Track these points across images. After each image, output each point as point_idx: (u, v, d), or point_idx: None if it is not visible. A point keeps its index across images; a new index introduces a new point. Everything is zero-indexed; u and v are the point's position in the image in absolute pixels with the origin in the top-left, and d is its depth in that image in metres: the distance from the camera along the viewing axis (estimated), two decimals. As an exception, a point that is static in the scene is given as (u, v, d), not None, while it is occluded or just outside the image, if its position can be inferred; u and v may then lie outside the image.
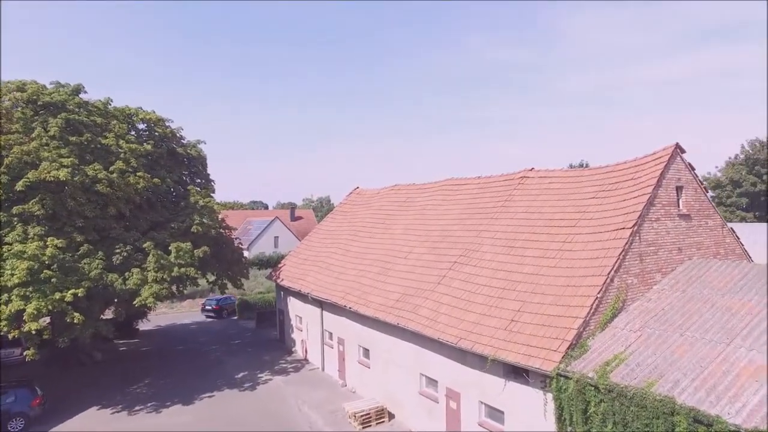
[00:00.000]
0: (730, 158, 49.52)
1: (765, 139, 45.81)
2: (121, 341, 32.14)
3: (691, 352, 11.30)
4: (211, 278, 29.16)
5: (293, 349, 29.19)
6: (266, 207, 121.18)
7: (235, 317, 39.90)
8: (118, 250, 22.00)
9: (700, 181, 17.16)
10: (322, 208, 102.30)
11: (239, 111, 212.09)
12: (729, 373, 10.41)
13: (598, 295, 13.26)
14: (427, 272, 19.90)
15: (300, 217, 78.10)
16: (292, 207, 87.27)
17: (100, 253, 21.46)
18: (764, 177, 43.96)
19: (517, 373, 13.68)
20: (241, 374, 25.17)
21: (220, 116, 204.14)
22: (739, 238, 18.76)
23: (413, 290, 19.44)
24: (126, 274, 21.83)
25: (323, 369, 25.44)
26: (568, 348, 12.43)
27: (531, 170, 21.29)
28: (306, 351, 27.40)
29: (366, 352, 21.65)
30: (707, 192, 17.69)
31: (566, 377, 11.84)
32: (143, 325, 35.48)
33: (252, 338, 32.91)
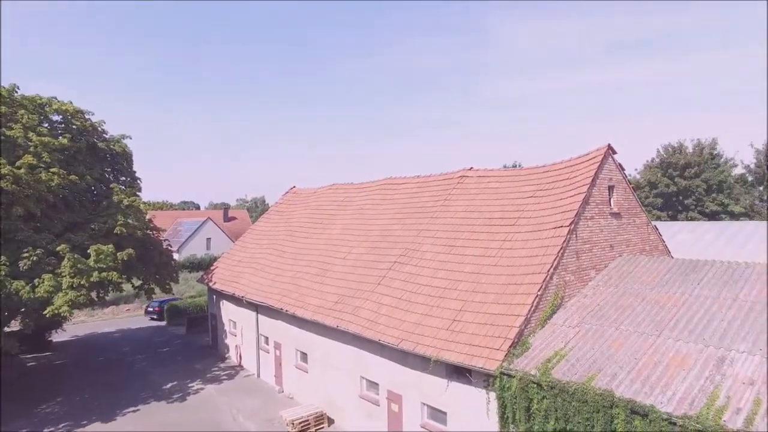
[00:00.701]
0: (647, 161, 52.75)
1: (677, 144, 49.18)
2: (30, 356, 29.32)
3: (626, 346, 11.58)
4: (137, 283, 27.25)
5: (227, 356, 27.86)
6: (198, 207, 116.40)
7: (164, 323, 37.71)
8: (25, 255, 19.91)
9: (628, 181, 17.87)
10: (257, 209, 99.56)
11: (171, 109, 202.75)
12: (660, 363, 10.74)
13: (539, 293, 13.36)
14: (367, 273, 19.49)
15: (234, 218, 75.49)
16: (226, 207, 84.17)
17: (2, 258, 19.32)
18: (676, 179, 47.10)
19: (459, 373, 13.54)
20: (169, 385, 23.62)
21: (149, 113, 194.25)
22: (661, 235, 19.76)
23: (353, 291, 18.95)
24: (36, 280, 19.82)
25: (259, 375, 24.40)
26: (510, 346, 12.41)
27: (470, 169, 21.41)
28: (240, 357, 26.20)
29: (304, 357, 20.92)
30: (635, 192, 18.46)
31: (509, 375, 11.79)
32: (58, 336, 32.65)
33: (182, 345, 31.14)
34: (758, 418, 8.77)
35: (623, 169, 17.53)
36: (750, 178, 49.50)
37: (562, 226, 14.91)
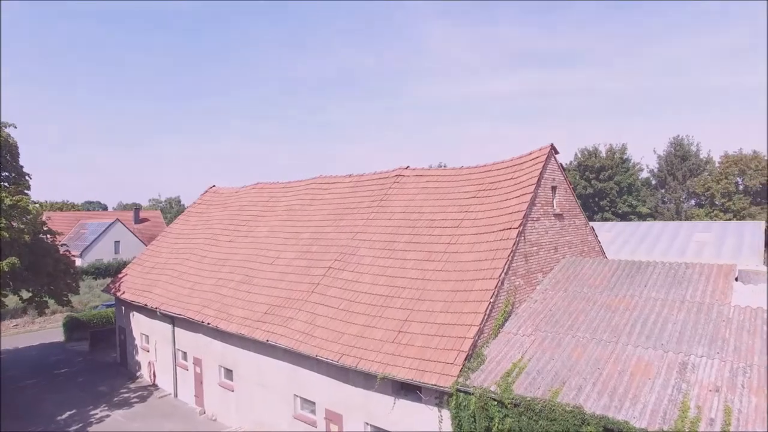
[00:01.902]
0: (565, 165, 55.08)
1: (592, 148, 51.62)
2: None
3: (586, 354, 10.95)
4: (26, 296, 23.59)
5: (138, 374, 24.86)
6: (105, 208, 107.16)
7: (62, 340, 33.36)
8: None
9: (569, 182, 17.65)
10: (172, 210, 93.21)
11: (74, 102, 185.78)
12: (624, 373, 10.18)
13: (491, 300, 12.49)
14: (299, 279, 17.84)
15: (146, 219, 69.78)
16: (137, 208, 77.79)
17: None
18: (592, 182, 49.37)
19: (407, 389, 12.35)
20: (66, 414, 20.46)
21: (47, 105, 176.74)
22: (597, 236, 19.84)
23: (283, 300, 17.22)
24: None
25: (176, 395, 21.86)
26: (465, 359, 11.39)
27: (406, 168, 20.38)
28: (154, 375, 23.42)
29: (229, 374, 18.83)
30: (574, 192, 18.31)
31: (466, 393, 10.76)
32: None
33: (84, 365, 27.50)
34: (732, 428, 8.33)
35: (564, 170, 17.27)
36: (654, 182, 53.02)
37: (510, 228, 14.19)
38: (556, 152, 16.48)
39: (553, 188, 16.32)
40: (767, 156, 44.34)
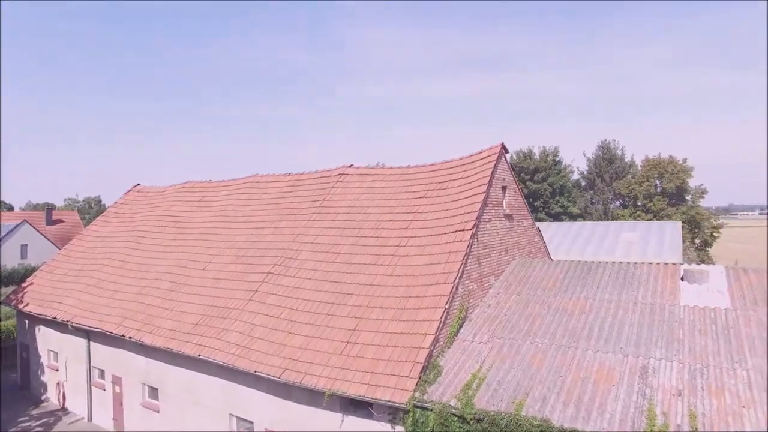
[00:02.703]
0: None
1: (527, 150, 52.93)
2: None
3: (547, 361, 10.47)
4: None
5: (44, 398, 22.11)
6: (11, 208, 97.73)
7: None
8: None
9: (517, 182, 17.38)
10: (91, 210, 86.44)
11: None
12: (587, 380, 9.77)
13: (446, 306, 11.77)
14: (234, 286, 16.36)
15: (60, 221, 63.87)
16: (49, 208, 71.23)
17: None
18: (527, 183, 50.60)
19: (358, 405, 11.36)
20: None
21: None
22: (542, 237, 19.80)
23: (217, 310, 15.69)
24: None
25: (91, 419, 19.56)
26: (421, 372, 10.57)
27: (350, 167, 19.39)
28: (64, 397, 20.88)
29: (154, 392, 16.97)
30: (522, 193, 18.09)
31: (424, 408, 9.94)
32: None
33: (-21, 387, 24.15)
34: (700, 437, 8.05)
35: (513, 170, 16.96)
36: (583, 183, 55.23)
37: (464, 230, 13.57)
38: (506, 151, 16.12)
39: (503, 188, 15.94)
40: (681, 161, 47.26)
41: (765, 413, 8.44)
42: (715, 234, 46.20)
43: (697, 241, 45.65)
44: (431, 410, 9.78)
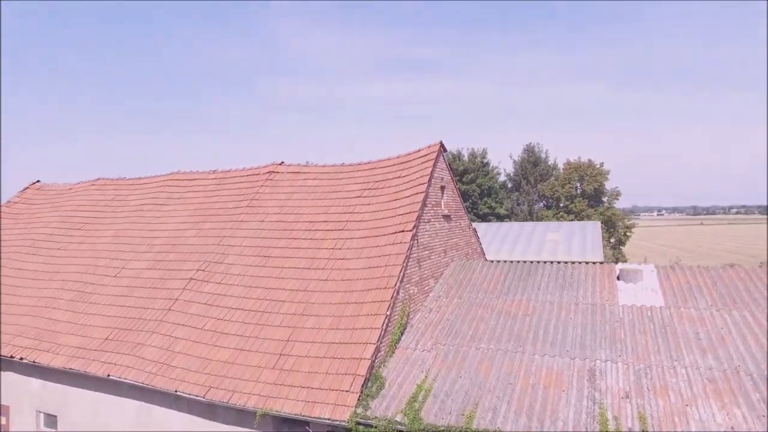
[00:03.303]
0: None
1: (456, 152, 53.72)
2: None
3: (495, 368, 10.04)
4: None
5: None
6: None
7: None
8: None
9: (455, 182, 17.07)
10: (-17, 212, 77.77)
11: None
12: (537, 386, 9.42)
13: (388, 313, 11.05)
14: (152, 295, 14.74)
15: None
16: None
17: None
18: (457, 184, 51.35)
19: (293, 424, 10.36)
20: None
21: None
22: (479, 238, 19.67)
23: (131, 322, 14.02)
24: None
25: (-22, 450, 16.97)
26: (362, 385, 9.77)
27: (280, 164, 18.24)
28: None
29: (51, 420, 14.87)
30: (459, 192, 17.81)
31: (367, 425, 9.15)
32: None
33: None
34: (652, 441, 7.88)
35: (451, 169, 16.63)
36: (509, 185, 56.88)
37: (404, 231, 12.94)
38: (445, 150, 15.72)
39: (442, 188, 15.53)
40: (599, 164, 49.88)
41: (707, 411, 8.45)
42: (627, 233, 49.16)
43: (612, 240, 48.32)
44: (375, 427, 9.02)
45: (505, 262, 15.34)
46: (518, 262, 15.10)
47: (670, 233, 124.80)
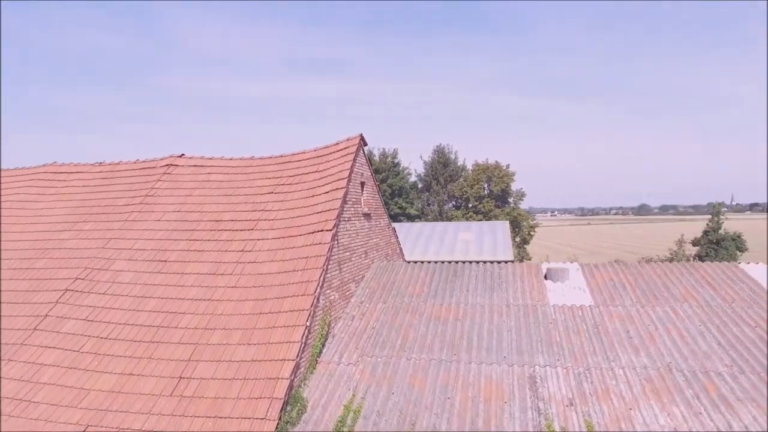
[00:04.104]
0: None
1: (367, 152, 53.05)
2: None
3: (430, 381, 9.07)
4: None
5: None
6: None
7: None
8: None
9: (375, 178, 16.07)
10: None
11: None
12: (477, 398, 8.60)
13: (308, 323, 9.70)
14: (13, 312, 12.09)
15: None
16: None
17: None
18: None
19: (195, 462, 8.67)
20: None
21: None
22: (398, 237, 18.84)
23: (-14, 345, 11.36)
24: None
25: None
26: (281, 410, 8.34)
27: (180, 156, 16.13)
28: None
29: None
30: (379, 189, 16.83)
31: (287, 460, 7.75)
32: None
33: None
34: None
35: (371, 164, 15.58)
36: (420, 185, 57.26)
37: (323, 230, 11.64)
38: (365, 143, 14.66)
39: (362, 184, 14.45)
40: (505, 166, 51.65)
41: (650, 413, 8.10)
42: (531, 233, 51.36)
43: (518, 239, 50.18)
44: (297, 461, 7.66)
45: (429, 262, 14.56)
46: (443, 262, 14.38)
47: (563, 233, 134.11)
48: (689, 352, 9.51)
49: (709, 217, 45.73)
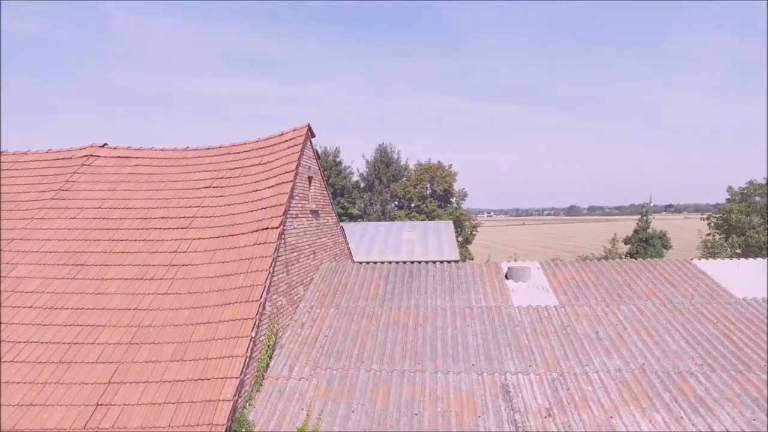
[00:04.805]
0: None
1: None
2: None
3: (393, 395, 8.09)
4: None
5: None
6: None
7: None
8: None
9: (323, 172, 14.95)
10: None
11: None
12: (447, 413, 7.73)
13: (253, 334, 8.45)
14: None
15: None
16: None
17: None
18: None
19: (115, 505, 7.23)
20: None
21: None
22: (346, 236, 17.81)
23: None
24: None
25: None
26: (222, 439, 7.08)
27: (103, 146, 14.27)
28: None
29: None
30: (327, 184, 15.72)
31: (230, 501, 6.50)
32: None
33: None
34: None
35: (319, 157, 14.47)
36: (362, 185, 56.36)
37: (269, 228, 10.40)
38: (313, 135, 13.50)
39: (310, 178, 13.29)
40: (448, 166, 51.79)
41: (631, 420, 7.56)
42: (473, 232, 51.76)
43: (460, 239, 50.39)
44: (243, 502, 6.44)
45: (382, 263, 13.62)
46: (397, 263, 13.49)
47: (500, 233, 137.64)
48: (660, 352, 9.13)
49: (638, 217, 47.85)
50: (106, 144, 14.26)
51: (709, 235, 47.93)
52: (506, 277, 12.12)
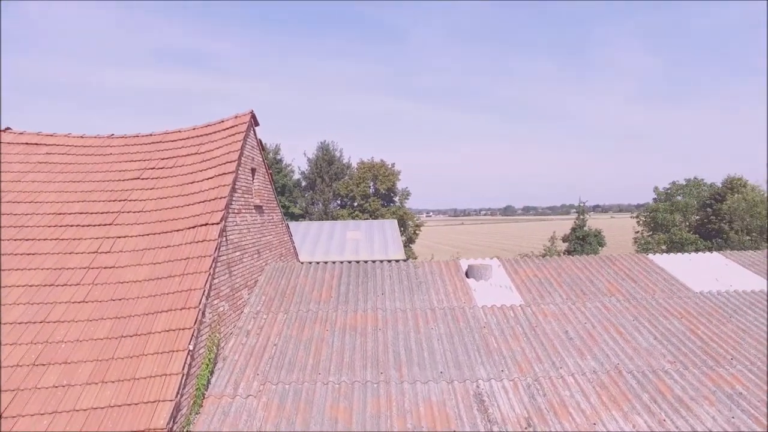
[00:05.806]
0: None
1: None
2: None
3: (356, 411, 7.13)
4: None
5: None
6: None
7: None
8: None
9: (267, 164, 13.74)
10: None
11: None
12: (419, 429, 6.84)
13: (191, 347, 7.22)
14: None
15: None
16: None
17: None
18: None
19: None
20: None
21: None
22: (291, 235, 16.65)
23: None
24: None
25: None
26: (153, 478, 5.85)
27: (5, 131, 12.35)
28: None
29: None
30: (273, 177, 14.52)
31: None
32: None
33: None
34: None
35: (264, 148, 13.27)
36: (304, 183, 54.79)
37: (208, 224, 9.15)
38: (257, 123, 12.30)
39: (253, 170, 12.10)
40: (391, 165, 51.26)
41: (614, 425, 7.03)
42: (417, 232, 51.54)
43: (404, 238, 50.01)
44: None
45: (333, 263, 12.59)
46: (350, 262, 12.52)
47: (439, 232, 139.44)
48: (632, 351, 8.74)
49: (569, 216, 49.60)
50: (9, 128, 12.35)
51: (638, 232, 50.43)
52: (467, 275, 11.47)
